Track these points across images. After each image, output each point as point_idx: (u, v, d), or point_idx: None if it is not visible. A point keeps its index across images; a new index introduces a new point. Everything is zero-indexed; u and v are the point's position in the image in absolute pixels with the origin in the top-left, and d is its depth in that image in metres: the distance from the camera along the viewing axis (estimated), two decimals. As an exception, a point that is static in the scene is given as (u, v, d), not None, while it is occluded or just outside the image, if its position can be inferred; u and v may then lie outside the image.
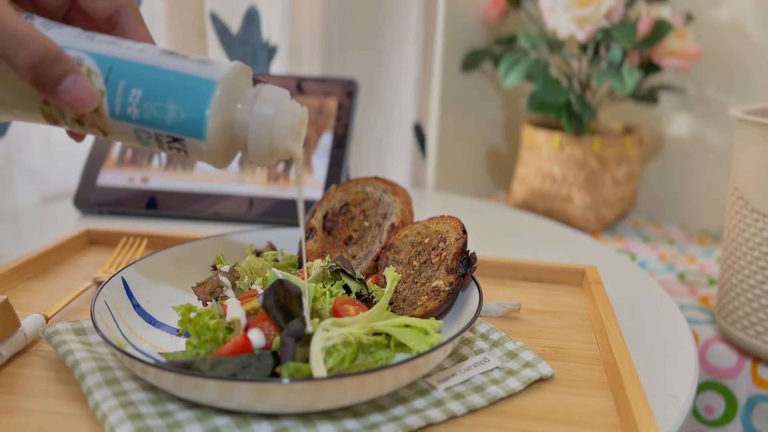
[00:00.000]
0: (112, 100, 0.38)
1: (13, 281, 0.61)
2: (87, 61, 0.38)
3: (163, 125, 0.39)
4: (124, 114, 0.39)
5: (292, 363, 0.40)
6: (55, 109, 0.40)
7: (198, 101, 0.38)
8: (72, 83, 0.37)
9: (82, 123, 0.40)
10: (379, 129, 1.26)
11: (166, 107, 0.38)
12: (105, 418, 0.39)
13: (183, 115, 0.38)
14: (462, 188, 1.44)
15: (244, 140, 0.40)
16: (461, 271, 0.51)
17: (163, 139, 0.39)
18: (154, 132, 0.39)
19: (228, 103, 0.39)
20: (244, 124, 0.40)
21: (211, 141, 0.39)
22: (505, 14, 1.34)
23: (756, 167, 0.69)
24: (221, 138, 0.40)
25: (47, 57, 0.36)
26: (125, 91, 0.38)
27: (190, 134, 0.39)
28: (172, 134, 0.39)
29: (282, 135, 0.40)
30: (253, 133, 0.39)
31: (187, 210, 0.86)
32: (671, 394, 0.47)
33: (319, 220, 0.62)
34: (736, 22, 1.20)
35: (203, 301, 0.52)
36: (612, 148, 1.17)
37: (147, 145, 0.40)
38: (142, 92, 0.38)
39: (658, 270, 1.05)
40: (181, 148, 0.40)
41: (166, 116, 0.38)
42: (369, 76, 1.20)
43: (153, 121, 0.38)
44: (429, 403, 0.42)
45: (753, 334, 0.74)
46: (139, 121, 0.39)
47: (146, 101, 0.38)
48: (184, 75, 0.38)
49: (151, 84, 0.38)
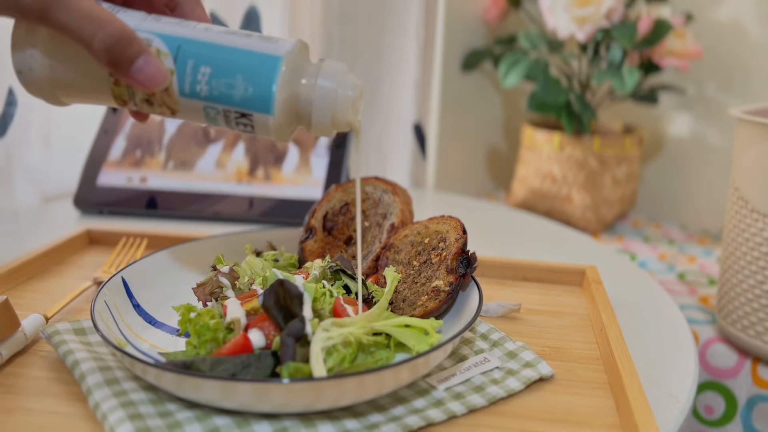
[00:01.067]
0: (181, 79, 0.40)
1: (13, 281, 0.61)
2: (156, 42, 0.40)
3: (231, 101, 0.40)
4: (193, 92, 0.40)
5: (292, 363, 0.40)
6: (126, 89, 0.41)
7: (265, 77, 0.39)
8: (144, 63, 0.39)
9: (151, 102, 0.41)
10: (379, 129, 1.26)
11: (234, 83, 0.39)
12: (105, 418, 0.39)
13: (251, 90, 0.40)
14: (462, 188, 1.44)
15: (308, 114, 0.41)
16: (461, 271, 0.51)
17: (231, 115, 0.41)
18: (223, 108, 0.40)
19: (293, 78, 0.41)
20: (308, 98, 0.41)
21: (277, 115, 0.40)
22: (505, 14, 1.34)
23: (756, 167, 0.69)
24: (287, 112, 0.41)
25: (122, 38, 0.38)
26: (194, 69, 0.40)
27: (258, 109, 0.40)
28: (241, 110, 0.40)
29: (344, 108, 0.41)
30: (317, 106, 0.41)
31: (187, 210, 0.86)
32: (671, 394, 0.47)
33: (319, 220, 0.62)
34: (736, 22, 1.20)
35: (203, 301, 0.52)
36: (612, 148, 1.17)
37: (214, 122, 0.42)
38: (211, 70, 0.40)
39: (658, 270, 1.05)
40: (249, 123, 0.41)
41: (234, 92, 0.40)
42: (369, 76, 1.20)
43: (222, 97, 0.40)
44: (429, 403, 0.42)
45: (753, 334, 0.74)
46: (208, 98, 0.40)
47: (215, 78, 0.40)
48: (250, 52, 0.40)
49: (219, 62, 0.40)
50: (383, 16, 1.20)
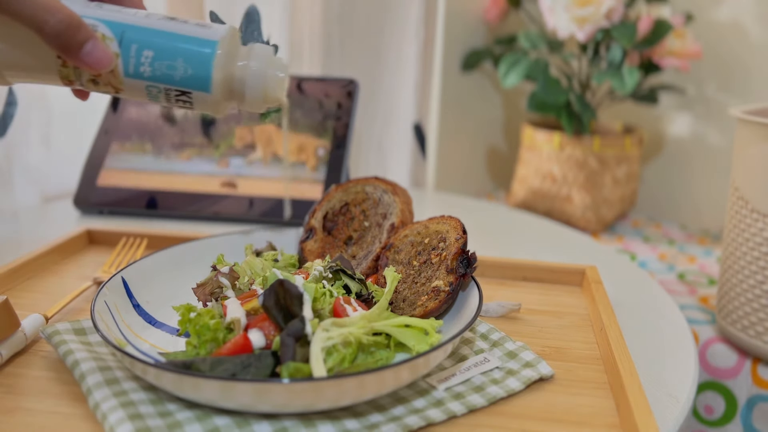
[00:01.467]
0: (126, 61, 0.43)
1: (13, 281, 0.61)
2: (101, 27, 0.43)
3: (172, 81, 0.44)
4: (137, 73, 0.44)
5: (292, 363, 0.40)
6: (73, 70, 0.44)
7: (203, 59, 0.44)
8: (92, 47, 0.42)
9: (97, 83, 0.45)
10: (379, 129, 1.26)
11: (175, 65, 0.43)
12: (105, 418, 0.39)
13: (191, 71, 0.44)
14: (462, 188, 1.44)
15: (242, 92, 0.46)
16: (461, 271, 0.51)
17: (171, 93, 0.45)
18: (164, 87, 0.44)
19: (227, 60, 0.45)
20: (242, 78, 0.45)
21: (215, 93, 0.45)
22: (505, 14, 1.34)
23: (756, 167, 0.69)
24: (222, 90, 0.45)
25: (71, 25, 0.41)
26: (138, 52, 0.43)
27: (198, 88, 0.44)
28: (181, 88, 0.44)
29: (273, 86, 0.46)
30: (249, 85, 0.45)
31: (187, 210, 0.86)
32: (671, 394, 0.47)
33: (319, 220, 0.62)
34: (736, 22, 1.20)
35: (203, 301, 0.52)
36: (612, 148, 1.17)
37: (156, 99, 0.45)
38: (153, 53, 0.43)
39: (658, 270, 1.05)
40: (188, 100, 0.45)
41: (175, 73, 0.44)
42: (369, 76, 1.20)
43: (164, 77, 0.44)
44: (429, 403, 0.42)
45: (753, 334, 0.74)
46: (151, 78, 0.44)
47: (157, 60, 0.44)
48: (189, 37, 0.44)
49: (160, 46, 0.44)
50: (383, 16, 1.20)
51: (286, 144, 0.55)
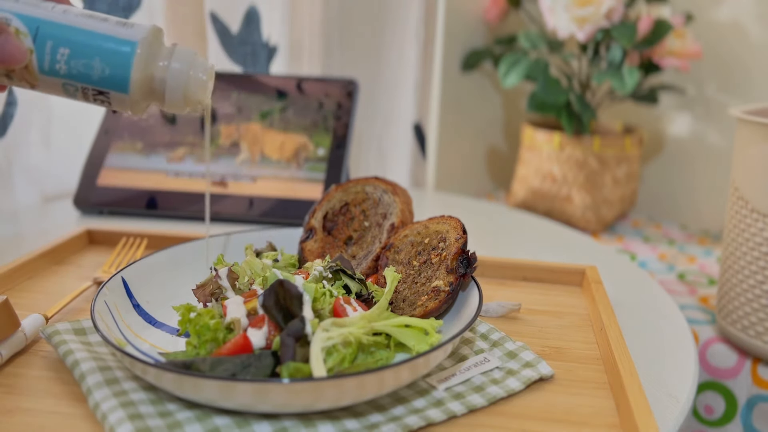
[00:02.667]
0: (41, 58, 0.42)
1: (13, 281, 0.61)
2: (14, 21, 0.42)
3: (89, 80, 0.43)
4: (53, 70, 0.43)
5: (292, 363, 0.40)
6: None
7: (122, 59, 0.43)
8: (4, 42, 0.41)
9: (11, 77, 0.44)
10: (378, 129, 1.26)
11: (92, 64, 0.42)
12: (105, 418, 0.39)
13: (108, 71, 0.43)
14: (462, 188, 1.44)
15: (162, 92, 0.45)
16: (461, 271, 0.51)
17: (89, 92, 0.44)
18: (81, 86, 0.43)
19: (147, 61, 0.44)
20: (162, 79, 0.44)
21: (133, 93, 0.44)
22: (505, 14, 1.34)
23: (756, 167, 0.69)
24: (142, 90, 0.44)
25: None
26: (53, 49, 0.42)
27: (115, 88, 0.43)
28: (98, 88, 0.43)
29: (195, 88, 0.45)
30: (170, 86, 0.44)
31: (187, 210, 0.86)
32: (671, 394, 0.47)
33: (319, 220, 0.62)
34: (736, 22, 1.20)
35: (203, 302, 0.52)
36: (612, 148, 1.17)
37: (73, 97, 0.44)
38: (70, 51, 0.42)
39: (658, 270, 1.05)
40: (105, 100, 0.44)
41: (92, 72, 0.43)
42: (369, 76, 1.20)
43: (80, 76, 0.43)
44: (429, 403, 0.42)
45: (753, 334, 0.74)
46: (67, 76, 0.43)
47: (73, 59, 0.42)
48: (108, 36, 0.43)
49: (77, 44, 0.42)
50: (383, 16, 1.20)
51: (208, 145, 0.55)
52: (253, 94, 0.94)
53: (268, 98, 0.94)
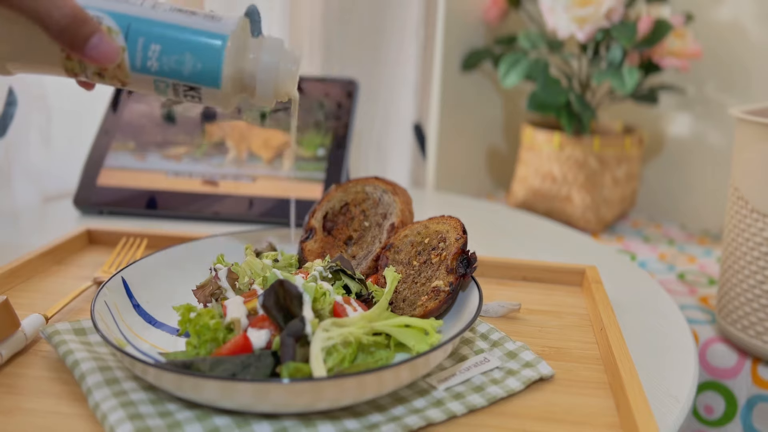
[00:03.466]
0: (133, 55, 0.42)
1: (13, 281, 0.61)
2: (106, 20, 0.42)
3: (181, 76, 0.43)
4: (144, 67, 0.43)
5: (292, 363, 0.40)
6: (77, 63, 0.43)
7: (213, 53, 0.42)
8: (98, 41, 0.41)
9: (102, 75, 0.44)
10: (378, 129, 1.26)
11: (183, 60, 0.42)
12: (105, 418, 0.39)
13: (200, 66, 0.42)
14: (462, 188, 1.44)
15: (253, 86, 0.44)
16: (461, 271, 0.51)
17: (180, 88, 0.43)
18: (173, 82, 0.43)
19: (238, 54, 0.43)
20: (252, 72, 0.44)
21: (225, 88, 0.43)
22: (505, 14, 1.34)
23: (756, 167, 0.69)
24: (232, 84, 0.44)
25: (76, 18, 0.40)
26: (145, 46, 0.42)
27: (207, 83, 0.43)
28: (190, 83, 0.43)
29: (285, 80, 0.45)
30: (260, 79, 0.44)
31: (187, 210, 0.86)
32: (671, 394, 0.47)
33: (319, 220, 0.62)
34: (736, 22, 1.20)
35: (203, 303, 0.52)
36: (612, 148, 1.17)
37: (164, 93, 0.44)
38: (161, 47, 0.42)
39: (658, 270, 1.05)
40: (197, 95, 0.44)
41: (183, 68, 0.42)
42: (369, 76, 1.20)
43: (172, 72, 0.43)
44: (429, 403, 0.42)
45: (753, 334, 0.74)
46: (159, 72, 0.43)
47: (165, 55, 0.42)
48: (198, 30, 0.43)
49: (168, 39, 0.42)
50: (383, 16, 1.20)
51: (294, 140, 0.55)
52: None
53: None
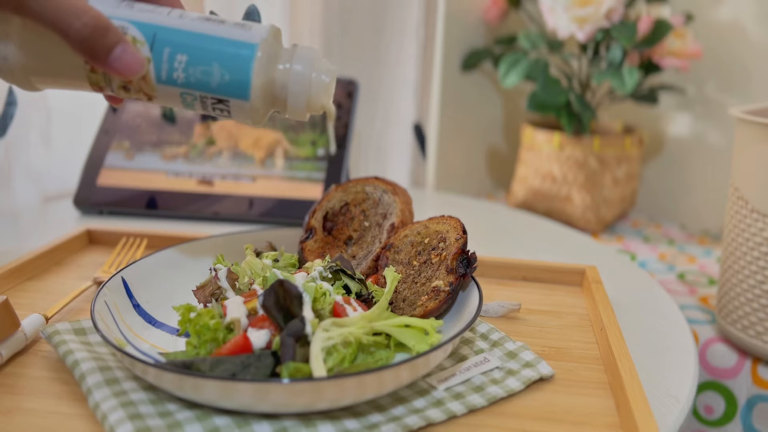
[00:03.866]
0: (158, 67, 0.40)
1: (13, 281, 0.61)
2: (131, 30, 0.40)
3: (209, 88, 0.41)
4: (170, 79, 0.41)
5: (292, 363, 0.40)
6: (102, 76, 0.41)
7: (242, 64, 0.40)
8: (122, 52, 0.39)
9: (128, 89, 0.42)
10: (378, 129, 1.26)
11: (211, 71, 0.40)
12: (105, 418, 0.39)
13: (228, 77, 0.40)
14: (462, 188, 1.44)
15: (284, 98, 0.42)
16: (461, 271, 0.51)
17: (208, 101, 0.41)
18: (200, 95, 0.41)
19: (268, 64, 0.41)
20: (284, 83, 0.42)
21: (254, 100, 0.41)
22: (505, 14, 1.34)
23: (756, 167, 0.69)
24: (263, 97, 0.42)
25: (98, 28, 0.38)
26: (171, 57, 0.40)
27: (235, 95, 0.41)
28: (218, 96, 0.41)
29: (318, 92, 0.43)
30: (292, 91, 0.42)
31: (187, 210, 0.86)
32: (671, 394, 0.47)
33: (319, 220, 0.62)
34: (736, 22, 1.20)
35: (203, 303, 0.52)
36: (612, 148, 1.17)
37: (191, 107, 0.42)
38: (187, 57, 0.40)
39: (658, 270, 1.05)
40: (225, 108, 0.42)
41: (211, 79, 0.40)
42: (369, 76, 1.20)
43: (199, 84, 0.41)
44: (429, 403, 0.42)
45: (753, 334, 0.74)
46: (185, 84, 0.41)
47: (192, 66, 0.40)
48: (226, 40, 0.41)
49: (195, 49, 0.40)
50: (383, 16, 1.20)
51: (333, 150, 0.53)
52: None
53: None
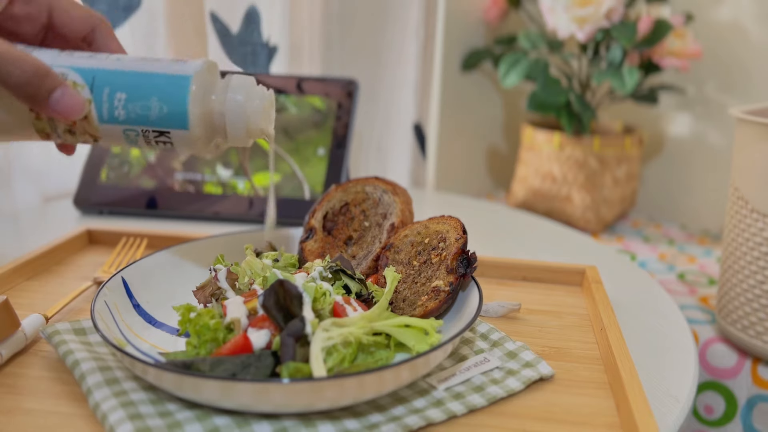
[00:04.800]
0: (99, 106, 0.42)
1: (13, 281, 0.61)
2: (71, 75, 0.42)
3: (148, 121, 0.43)
4: (111, 117, 0.42)
5: (292, 363, 0.40)
6: (47, 122, 0.43)
7: (178, 95, 0.42)
8: (61, 95, 0.41)
9: (73, 132, 0.44)
10: (378, 129, 1.26)
11: (149, 105, 0.42)
12: (105, 418, 0.39)
13: (166, 109, 0.42)
14: (462, 188, 1.44)
15: (223, 126, 0.44)
16: (461, 271, 0.51)
17: (150, 134, 0.43)
18: (141, 129, 0.43)
19: (204, 94, 0.43)
20: (221, 112, 0.44)
21: (193, 129, 0.43)
22: (505, 14, 1.34)
23: (756, 167, 0.69)
24: (202, 126, 0.44)
25: (37, 73, 0.40)
26: (110, 96, 0.42)
27: (175, 125, 0.43)
28: (158, 128, 0.43)
29: (256, 118, 0.44)
30: (230, 119, 0.44)
31: (187, 210, 0.86)
32: (671, 394, 0.47)
33: (319, 220, 0.62)
34: (736, 22, 1.20)
35: (203, 304, 0.52)
36: (612, 148, 1.17)
37: (135, 143, 0.44)
38: (126, 95, 0.42)
39: (658, 270, 1.05)
40: (167, 140, 0.43)
41: (150, 113, 0.42)
42: (369, 76, 1.20)
43: (139, 119, 0.42)
44: (429, 403, 0.42)
45: (753, 334, 0.74)
46: (126, 121, 0.43)
47: (131, 102, 0.42)
48: (162, 75, 0.43)
49: (133, 87, 0.42)
50: (383, 16, 1.20)
51: (272, 176, 0.56)
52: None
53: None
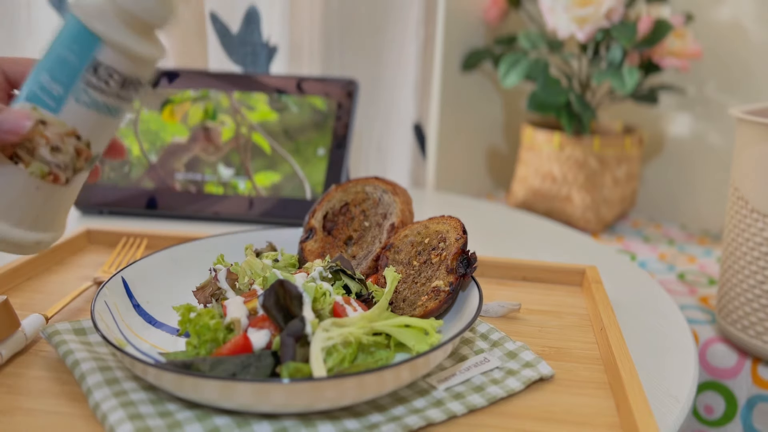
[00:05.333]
0: (43, 103, 0.41)
1: (13, 281, 0.61)
2: (17, 104, 0.42)
3: (77, 70, 0.41)
4: (55, 98, 0.41)
5: (292, 363, 0.40)
6: (34, 163, 0.42)
7: (73, 28, 0.41)
8: (5, 114, 0.40)
9: (57, 148, 0.42)
10: (378, 129, 1.26)
11: (66, 59, 0.41)
12: (105, 418, 0.39)
13: (76, 47, 0.41)
14: (462, 188, 1.44)
15: (130, 11, 0.41)
16: (461, 271, 0.51)
17: (90, 79, 0.41)
18: (81, 83, 0.41)
19: (92, 11, 0.40)
20: (120, 6, 0.41)
21: (109, 39, 0.40)
22: (505, 14, 1.34)
23: (756, 167, 0.69)
24: (113, 28, 0.41)
25: None
26: (42, 88, 0.41)
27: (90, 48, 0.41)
28: (91, 65, 0.41)
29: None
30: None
31: (187, 210, 0.86)
32: (671, 394, 0.47)
33: (319, 220, 0.62)
34: (736, 22, 1.20)
35: (204, 304, 0.52)
36: (612, 148, 1.17)
37: (96, 102, 0.42)
38: (49, 75, 0.41)
39: (658, 270, 1.05)
40: (105, 70, 0.41)
41: (72, 62, 0.41)
42: (369, 76, 1.20)
43: (70, 75, 0.41)
44: (429, 403, 0.42)
45: (753, 334, 0.74)
46: (67, 88, 0.41)
47: (55, 71, 0.41)
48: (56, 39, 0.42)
49: (48, 64, 0.41)
50: (383, 16, 1.20)
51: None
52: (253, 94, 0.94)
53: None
